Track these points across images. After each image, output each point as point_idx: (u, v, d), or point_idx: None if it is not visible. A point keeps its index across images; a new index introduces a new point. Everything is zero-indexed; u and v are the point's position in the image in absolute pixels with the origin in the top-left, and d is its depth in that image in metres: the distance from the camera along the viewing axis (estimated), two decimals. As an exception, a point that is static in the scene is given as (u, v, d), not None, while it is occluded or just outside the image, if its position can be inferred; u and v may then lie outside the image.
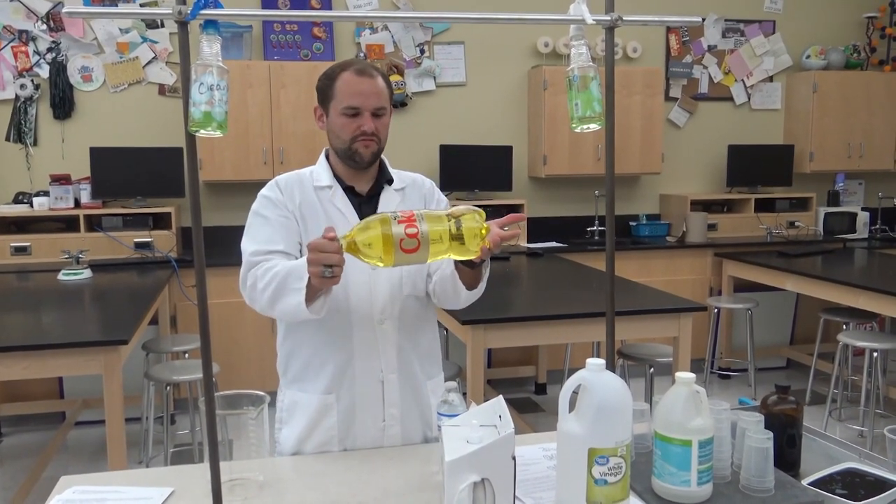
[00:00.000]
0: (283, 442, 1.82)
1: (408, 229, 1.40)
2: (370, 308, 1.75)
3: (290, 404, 1.82)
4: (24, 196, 4.62)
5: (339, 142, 1.76)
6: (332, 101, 1.75)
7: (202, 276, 1.30)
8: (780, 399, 1.57)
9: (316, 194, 1.79)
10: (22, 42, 4.69)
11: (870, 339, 4.02)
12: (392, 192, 1.84)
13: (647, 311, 3.18)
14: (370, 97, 1.72)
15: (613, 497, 1.32)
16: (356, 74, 1.73)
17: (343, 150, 1.76)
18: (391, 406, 1.78)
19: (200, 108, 1.22)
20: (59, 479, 1.55)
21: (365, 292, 1.75)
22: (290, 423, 1.81)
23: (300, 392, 1.80)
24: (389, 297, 1.77)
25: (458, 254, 1.48)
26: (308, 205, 1.78)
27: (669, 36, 5.62)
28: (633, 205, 5.72)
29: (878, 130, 5.73)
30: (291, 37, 4.92)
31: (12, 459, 3.99)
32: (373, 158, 1.77)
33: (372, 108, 1.72)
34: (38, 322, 2.99)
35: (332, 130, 1.77)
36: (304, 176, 1.83)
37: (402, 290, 1.79)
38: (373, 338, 1.76)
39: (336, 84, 1.74)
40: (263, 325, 4.49)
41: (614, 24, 1.44)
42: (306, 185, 1.81)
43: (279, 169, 4.66)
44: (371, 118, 1.73)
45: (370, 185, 1.83)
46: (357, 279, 1.74)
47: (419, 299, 1.83)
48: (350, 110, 1.72)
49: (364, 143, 1.73)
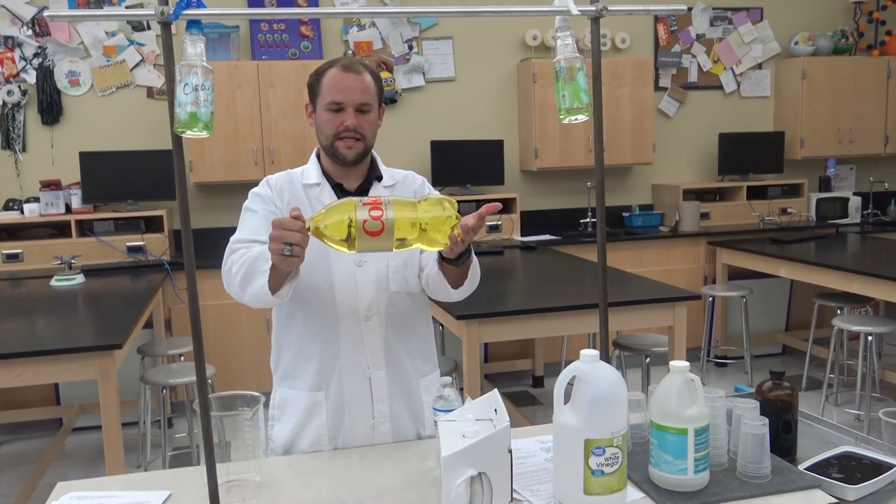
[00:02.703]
0: (275, 439, 1.83)
1: (372, 211, 1.38)
2: (356, 304, 1.75)
3: (280, 401, 1.82)
4: (15, 203, 4.60)
5: (324, 138, 1.76)
6: (319, 97, 1.75)
7: (192, 278, 1.30)
8: (775, 385, 1.58)
9: (304, 192, 1.80)
10: (7, 48, 4.66)
11: (864, 323, 4.03)
12: (381, 188, 1.83)
13: (642, 302, 3.18)
14: (353, 93, 1.71)
15: (611, 487, 1.32)
16: (341, 70, 1.73)
17: (327, 146, 1.76)
18: (380, 403, 1.78)
19: (186, 108, 1.21)
20: (56, 485, 1.54)
21: (350, 288, 1.75)
22: (281, 421, 1.81)
23: (289, 389, 1.80)
24: (376, 292, 1.76)
25: (426, 244, 1.45)
26: (296, 202, 1.77)
27: (658, 26, 5.62)
28: (626, 195, 5.72)
29: (868, 115, 5.75)
30: (279, 36, 4.90)
31: (10, 467, 3.98)
32: (357, 157, 1.76)
33: (355, 103, 1.72)
34: (31, 329, 2.98)
35: (319, 126, 1.77)
36: (295, 175, 1.84)
37: (389, 286, 1.78)
38: (359, 334, 1.75)
39: (323, 80, 1.75)
40: (258, 326, 4.48)
41: (599, 13, 1.43)
42: (296, 183, 1.81)
43: (270, 169, 4.65)
44: (354, 114, 1.72)
45: (359, 183, 1.83)
46: (342, 274, 1.74)
47: (410, 295, 1.83)
48: (334, 105, 1.72)
49: (346, 143, 1.73)
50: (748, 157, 5.64)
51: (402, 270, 1.80)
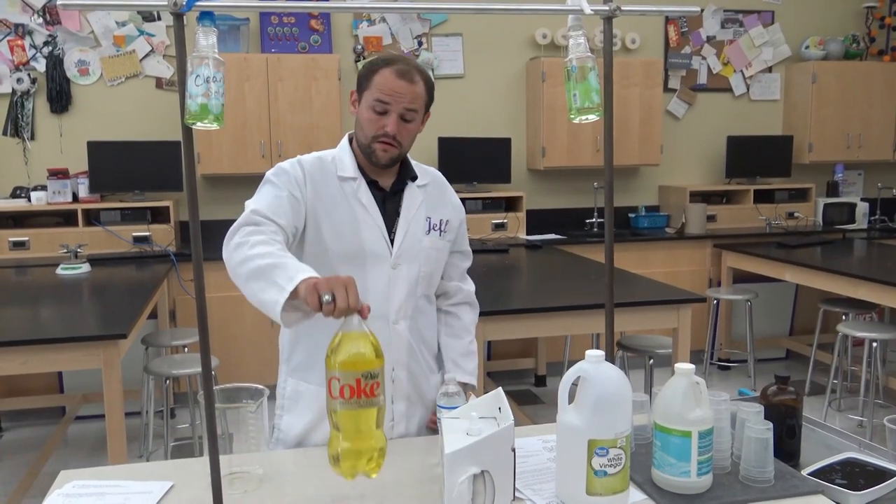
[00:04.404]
0: (284, 430, 1.82)
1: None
2: (387, 307, 1.75)
3: (292, 393, 1.81)
4: (22, 191, 4.61)
5: (362, 135, 1.74)
6: (367, 91, 1.71)
7: (199, 269, 1.30)
8: (780, 389, 1.57)
9: (339, 185, 1.76)
10: (18, 36, 4.67)
11: (869, 329, 4.02)
12: (415, 188, 1.82)
13: (647, 303, 3.18)
14: (402, 98, 1.68)
15: (613, 488, 1.32)
16: (396, 74, 1.68)
17: (364, 145, 1.74)
18: (399, 402, 1.79)
19: (197, 100, 1.21)
20: (59, 473, 1.55)
21: (383, 291, 1.74)
22: (293, 412, 1.80)
23: (303, 382, 1.79)
24: (406, 297, 1.77)
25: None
26: (330, 196, 1.74)
27: (668, 27, 5.60)
28: (633, 196, 5.71)
29: (878, 121, 5.72)
30: (289, 29, 4.90)
31: (12, 454, 3.99)
32: (391, 162, 1.75)
33: (401, 109, 1.68)
34: (36, 317, 2.99)
35: (359, 121, 1.74)
36: (327, 162, 1.78)
37: (417, 291, 1.79)
38: (386, 336, 1.73)
39: (375, 76, 1.70)
40: (263, 319, 4.48)
41: (612, 13, 1.43)
42: (329, 174, 1.76)
43: (277, 161, 4.64)
44: (397, 121, 1.69)
45: (393, 180, 1.81)
46: (377, 277, 1.74)
47: (429, 298, 1.85)
48: (379, 105, 1.68)
49: (383, 147, 1.71)
50: (756, 161, 5.62)
51: (430, 278, 1.82)
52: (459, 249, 1.93)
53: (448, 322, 1.94)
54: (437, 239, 1.82)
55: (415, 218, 1.79)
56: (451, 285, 1.93)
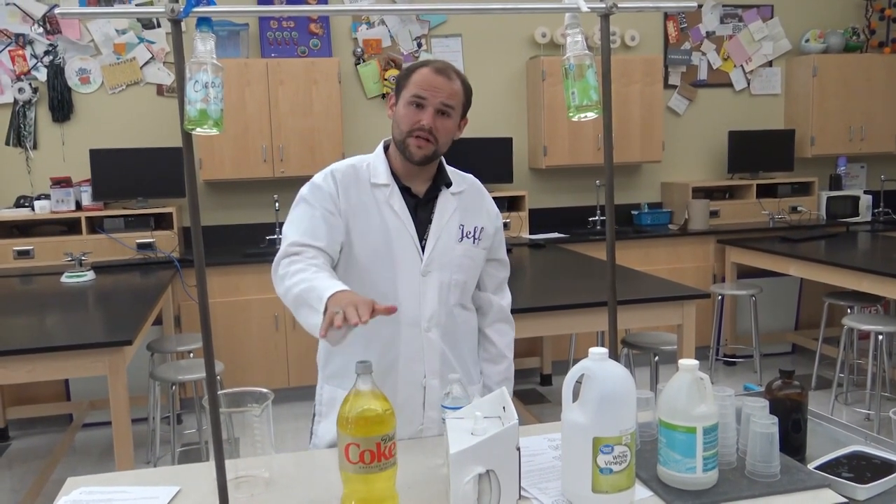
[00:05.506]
0: (321, 435, 1.83)
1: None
2: (418, 314, 1.75)
3: (329, 399, 1.83)
4: (26, 200, 4.63)
5: (398, 132, 1.75)
6: (404, 90, 1.73)
7: (202, 274, 1.31)
8: (785, 384, 1.57)
9: (372, 192, 1.77)
10: (19, 45, 4.68)
11: (875, 322, 4.01)
12: (449, 195, 1.82)
13: (651, 300, 3.17)
14: (439, 93, 1.70)
15: (619, 485, 1.32)
16: (433, 71, 1.72)
17: (399, 141, 1.75)
18: (431, 410, 1.79)
19: (196, 106, 1.21)
20: (67, 480, 1.55)
21: (414, 298, 1.75)
22: (329, 418, 1.80)
23: (340, 389, 1.79)
24: (438, 304, 1.77)
25: None
26: (362, 204, 1.75)
27: (667, 23, 5.59)
28: (635, 193, 5.71)
29: (879, 113, 5.71)
30: (288, 33, 4.91)
31: (20, 462, 4.01)
32: (425, 160, 1.75)
33: (438, 103, 1.70)
34: (42, 325, 3.00)
35: (396, 119, 1.76)
36: (361, 169, 1.79)
37: (449, 299, 1.79)
38: (419, 343, 1.75)
39: (413, 75, 1.73)
40: (268, 323, 4.49)
41: (609, 11, 1.43)
42: (362, 181, 1.77)
43: (279, 166, 4.66)
44: (434, 115, 1.70)
45: (427, 187, 1.82)
46: (407, 282, 1.74)
47: (465, 307, 1.85)
48: (416, 99, 1.70)
49: (418, 142, 1.71)
50: (758, 155, 5.61)
51: (463, 286, 1.82)
52: (496, 258, 1.92)
53: (485, 346, 1.94)
54: (470, 247, 1.81)
55: (447, 225, 1.79)
56: (484, 298, 1.91)
